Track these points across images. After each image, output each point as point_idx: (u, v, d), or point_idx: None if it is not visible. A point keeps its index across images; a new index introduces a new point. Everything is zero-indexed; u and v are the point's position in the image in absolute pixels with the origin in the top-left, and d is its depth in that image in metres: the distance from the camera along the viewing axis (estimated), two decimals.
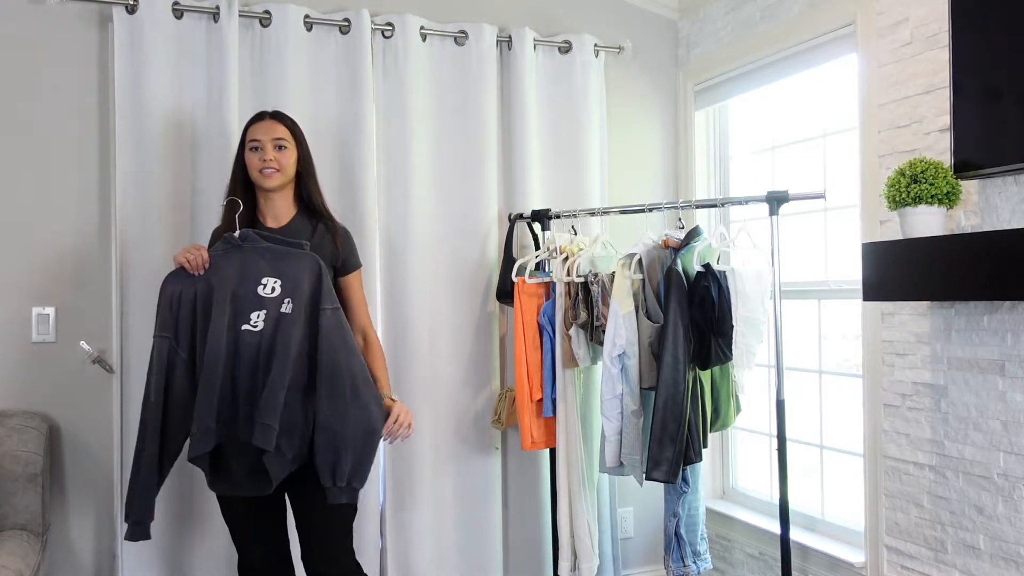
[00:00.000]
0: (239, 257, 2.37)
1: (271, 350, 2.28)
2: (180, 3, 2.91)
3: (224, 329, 2.29)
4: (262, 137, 2.44)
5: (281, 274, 2.35)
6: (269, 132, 2.45)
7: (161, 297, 2.35)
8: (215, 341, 2.27)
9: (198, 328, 2.32)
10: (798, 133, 3.26)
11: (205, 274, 2.34)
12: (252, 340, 2.29)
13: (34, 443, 2.66)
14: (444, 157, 3.25)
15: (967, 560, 2.42)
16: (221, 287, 2.32)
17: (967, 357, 2.41)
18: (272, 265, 2.36)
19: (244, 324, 2.30)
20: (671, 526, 2.93)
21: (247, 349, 2.29)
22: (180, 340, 2.32)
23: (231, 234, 2.39)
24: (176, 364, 2.31)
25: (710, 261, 2.74)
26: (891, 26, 2.63)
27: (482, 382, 3.30)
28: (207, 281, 2.33)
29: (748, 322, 2.63)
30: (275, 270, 2.35)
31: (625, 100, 3.64)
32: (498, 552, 3.30)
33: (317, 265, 2.38)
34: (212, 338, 2.28)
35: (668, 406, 2.61)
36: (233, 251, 2.38)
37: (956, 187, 2.26)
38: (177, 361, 2.32)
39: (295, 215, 2.52)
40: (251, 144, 2.45)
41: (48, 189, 2.85)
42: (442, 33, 3.26)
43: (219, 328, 2.28)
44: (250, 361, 2.29)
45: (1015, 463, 2.28)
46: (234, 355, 2.29)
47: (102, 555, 2.88)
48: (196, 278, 2.34)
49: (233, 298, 2.32)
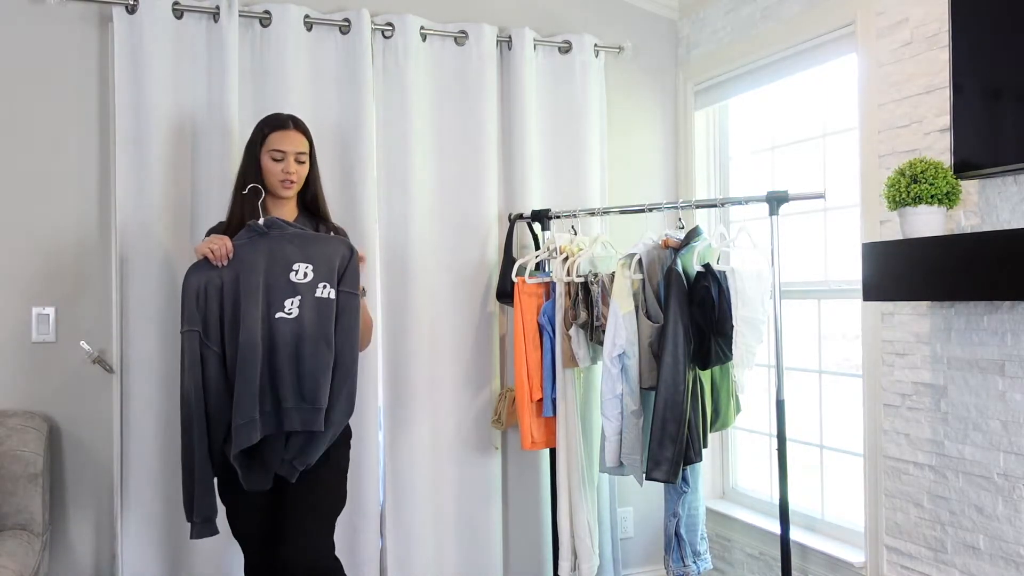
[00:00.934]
0: (266, 245, 2.35)
1: (309, 335, 2.29)
2: (180, 3, 2.91)
3: (258, 319, 2.28)
4: (287, 149, 2.47)
5: (312, 259, 2.35)
6: (293, 145, 2.48)
7: (185, 291, 2.31)
8: (249, 331, 2.27)
9: (227, 319, 2.30)
10: (798, 133, 3.26)
11: (230, 264, 2.32)
12: (287, 328, 2.30)
13: (34, 443, 2.66)
14: (444, 157, 3.25)
15: (967, 560, 2.42)
16: (249, 276, 2.31)
17: (967, 357, 2.41)
18: (302, 250, 2.35)
19: (278, 312, 2.30)
20: (671, 526, 2.93)
21: (282, 337, 2.29)
22: (209, 333, 2.29)
23: (255, 222, 2.38)
24: (208, 357, 2.29)
25: (710, 261, 2.74)
26: (891, 26, 2.63)
27: (482, 382, 3.30)
28: (233, 271, 2.32)
29: (748, 322, 2.63)
30: (305, 255, 2.35)
31: (625, 100, 3.64)
32: (498, 552, 3.30)
33: (348, 249, 2.40)
34: (246, 328, 2.27)
35: (668, 406, 2.62)
36: (259, 239, 2.36)
37: (956, 187, 2.26)
38: (208, 354, 2.29)
39: (297, 216, 2.55)
40: (274, 153, 2.47)
41: (48, 189, 2.85)
42: (442, 33, 3.26)
43: (252, 318, 2.28)
44: (287, 348, 2.29)
45: (1015, 463, 2.28)
46: (270, 344, 2.29)
47: (102, 555, 2.88)
48: (221, 269, 2.31)
49: (265, 287, 2.31)
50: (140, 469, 2.84)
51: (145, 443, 2.84)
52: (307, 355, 2.30)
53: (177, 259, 2.87)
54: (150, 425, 2.84)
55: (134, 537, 2.83)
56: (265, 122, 2.54)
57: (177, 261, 2.87)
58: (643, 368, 2.74)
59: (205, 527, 2.29)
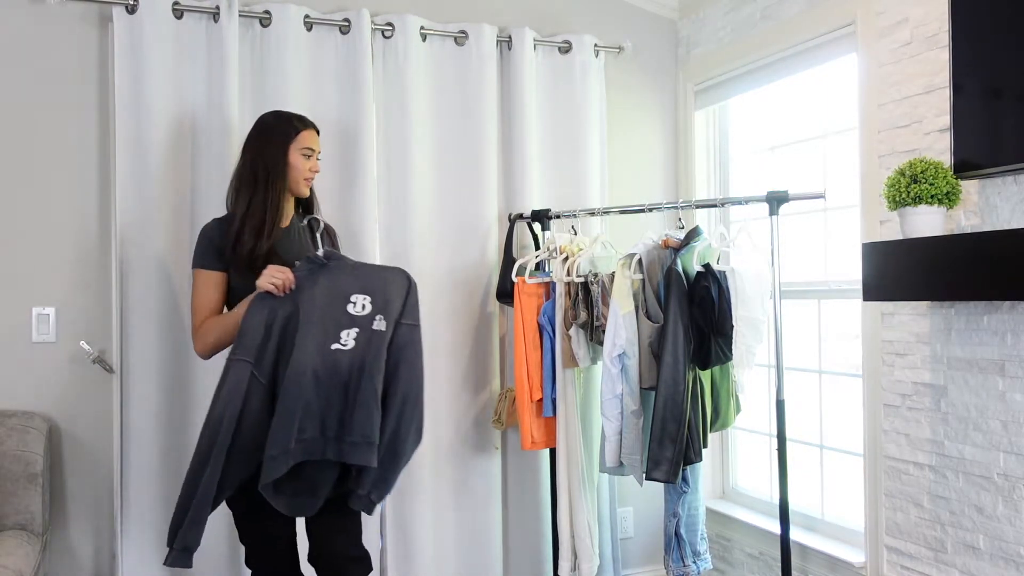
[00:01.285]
0: (325, 277, 2.34)
1: (362, 367, 2.27)
2: (180, 3, 2.91)
3: (313, 352, 2.25)
4: (315, 147, 2.53)
5: (370, 291, 2.34)
6: (318, 144, 2.54)
7: (249, 322, 2.26)
8: (300, 364, 2.23)
9: (283, 352, 2.27)
10: (798, 133, 3.26)
11: (291, 295, 2.30)
12: (342, 359, 2.28)
13: (34, 443, 2.66)
14: (444, 157, 3.25)
15: (967, 560, 2.42)
16: (308, 309, 2.29)
17: (967, 357, 2.41)
18: (360, 282, 2.35)
19: (333, 343, 2.28)
20: (671, 526, 2.94)
21: (336, 367, 2.26)
22: (262, 367, 2.25)
23: (315, 254, 2.38)
24: (254, 390, 2.23)
25: (710, 261, 2.74)
26: (891, 26, 2.63)
27: (482, 382, 3.30)
28: (293, 302, 2.30)
29: (748, 322, 2.63)
30: (363, 287, 2.35)
31: (625, 100, 3.64)
32: (498, 552, 3.30)
33: (407, 280, 2.39)
34: (297, 361, 2.23)
35: (668, 406, 2.62)
36: (318, 271, 2.35)
37: (956, 187, 2.26)
38: (255, 387, 2.23)
39: (293, 215, 2.57)
40: (305, 151, 2.50)
41: (48, 189, 2.85)
42: (442, 33, 3.26)
43: (306, 351, 2.25)
44: (340, 379, 2.26)
45: (1015, 463, 2.28)
46: (322, 375, 2.25)
47: (102, 555, 2.88)
48: (283, 300, 2.29)
49: (322, 319, 2.29)
50: (140, 469, 2.83)
51: (145, 443, 2.84)
52: (360, 387, 2.27)
53: (177, 259, 2.87)
54: (150, 425, 2.84)
55: (134, 537, 2.83)
56: (290, 118, 2.54)
57: (177, 261, 2.87)
58: (643, 368, 2.74)
59: (181, 556, 2.22)
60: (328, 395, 2.25)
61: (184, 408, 2.87)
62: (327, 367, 2.26)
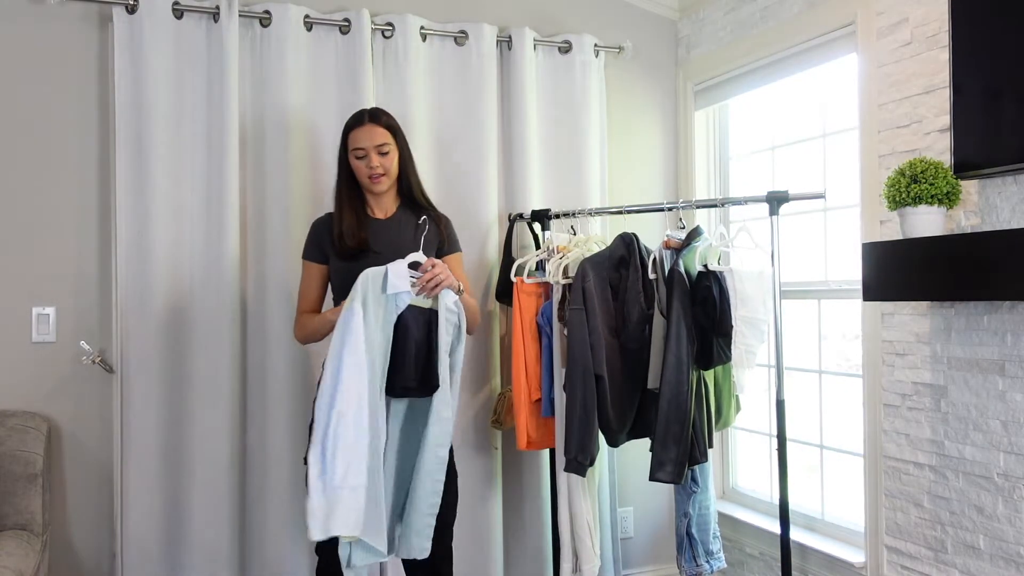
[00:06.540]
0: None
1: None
2: (180, 3, 2.91)
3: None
4: (366, 145, 2.51)
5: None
6: (371, 139, 2.51)
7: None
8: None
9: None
10: (798, 133, 3.26)
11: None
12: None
13: (34, 443, 2.66)
14: (444, 157, 3.25)
15: (967, 560, 2.42)
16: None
17: (967, 357, 2.41)
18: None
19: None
20: (682, 526, 2.92)
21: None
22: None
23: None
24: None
25: (711, 261, 2.74)
26: (891, 26, 2.63)
27: (481, 382, 3.30)
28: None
29: (749, 322, 2.63)
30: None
31: (625, 100, 3.64)
32: (498, 553, 3.29)
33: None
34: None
35: (672, 407, 2.60)
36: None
37: (956, 187, 2.26)
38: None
39: (399, 206, 2.62)
40: (356, 152, 2.52)
41: (48, 189, 2.85)
42: (442, 33, 3.26)
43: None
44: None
45: (1015, 463, 2.28)
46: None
47: (102, 555, 2.88)
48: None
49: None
50: (140, 469, 2.83)
51: (145, 443, 2.83)
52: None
53: (177, 259, 2.87)
54: (150, 425, 2.84)
55: (134, 537, 2.83)
56: (346, 123, 2.58)
57: (177, 261, 2.87)
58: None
59: (574, 464, 2.66)
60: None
61: (184, 408, 2.87)
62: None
